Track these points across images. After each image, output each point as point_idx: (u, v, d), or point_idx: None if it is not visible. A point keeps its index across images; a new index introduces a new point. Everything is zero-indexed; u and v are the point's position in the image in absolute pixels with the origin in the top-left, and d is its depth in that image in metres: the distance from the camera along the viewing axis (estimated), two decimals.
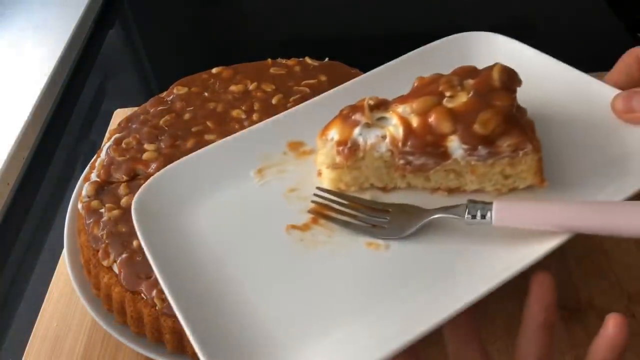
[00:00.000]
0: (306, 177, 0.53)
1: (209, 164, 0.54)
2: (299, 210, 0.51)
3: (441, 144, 0.49)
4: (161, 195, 0.51)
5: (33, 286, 0.70)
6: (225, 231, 0.49)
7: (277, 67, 0.74)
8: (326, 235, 0.49)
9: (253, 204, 0.52)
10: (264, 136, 0.56)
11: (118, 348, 0.57)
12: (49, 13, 1.12)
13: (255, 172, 0.54)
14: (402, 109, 0.51)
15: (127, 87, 1.04)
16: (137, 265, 0.54)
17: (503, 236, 0.46)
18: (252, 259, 0.47)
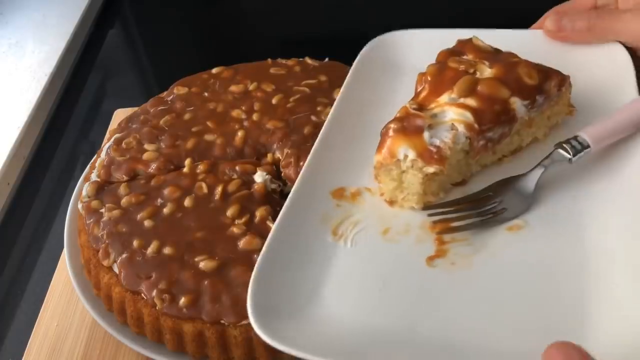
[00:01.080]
0: (383, 214, 0.52)
1: (288, 260, 0.48)
2: (415, 244, 0.49)
3: (508, 108, 0.51)
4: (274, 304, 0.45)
5: (33, 286, 0.70)
6: (366, 304, 0.45)
7: (277, 67, 0.74)
8: (466, 245, 0.48)
9: (367, 265, 0.48)
10: (308, 202, 0.52)
11: (118, 348, 0.57)
12: (49, 13, 1.12)
13: (332, 238, 0.50)
14: (446, 98, 0.51)
15: (127, 87, 1.04)
16: (137, 265, 0.54)
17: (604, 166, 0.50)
18: (422, 311, 0.44)
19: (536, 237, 0.48)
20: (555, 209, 0.50)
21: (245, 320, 0.50)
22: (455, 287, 0.45)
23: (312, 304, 0.45)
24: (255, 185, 0.59)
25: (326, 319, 0.44)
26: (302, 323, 0.44)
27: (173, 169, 0.63)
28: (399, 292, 0.46)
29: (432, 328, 0.43)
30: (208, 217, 0.57)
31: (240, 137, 0.64)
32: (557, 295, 0.44)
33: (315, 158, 0.55)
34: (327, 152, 0.56)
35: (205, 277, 0.52)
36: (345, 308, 0.45)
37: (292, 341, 0.41)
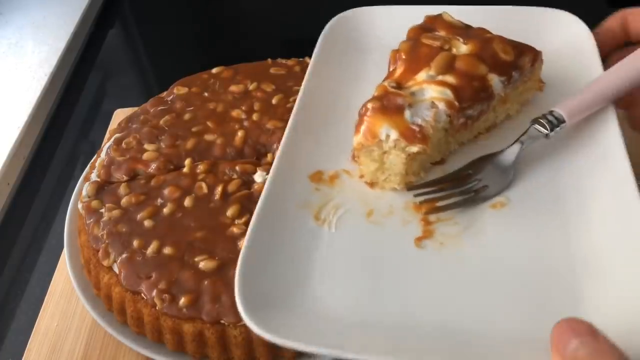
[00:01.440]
0: (364, 196, 0.51)
1: (272, 249, 0.47)
2: (401, 225, 0.48)
3: (486, 85, 0.51)
4: (263, 296, 0.44)
5: (33, 286, 0.70)
6: (357, 290, 0.44)
7: (277, 67, 0.74)
8: (453, 225, 0.48)
9: (354, 249, 0.47)
10: (286, 188, 0.51)
11: (118, 348, 0.57)
12: (49, 13, 1.12)
13: (314, 223, 0.49)
14: (424, 76, 0.51)
15: (127, 87, 1.04)
16: (137, 265, 0.54)
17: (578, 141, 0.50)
18: (415, 293, 0.44)
19: (520, 214, 0.48)
20: (536, 185, 0.50)
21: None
22: (446, 267, 0.45)
23: (302, 292, 0.45)
24: (255, 185, 0.59)
25: (318, 307, 0.44)
26: (293, 313, 0.43)
27: (173, 169, 0.63)
28: (390, 275, 0.45)
29: (426, 310, 0.43)
30: (208, 217, 0.57)
31: (240, 137, 0.64)
32: (547, 270, 0.44)
33: (289, 142, 0.54)
34: (301, 135, 0.55)
35: (205, 277, 0.52)
36: (336, 295, 0.44)
37: (286, 332, 0.40)
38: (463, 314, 0.42)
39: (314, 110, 0.58)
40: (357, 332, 0.42)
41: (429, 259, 0.46)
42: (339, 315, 0.43)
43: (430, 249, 0.46)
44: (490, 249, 0.46)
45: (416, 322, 0.42)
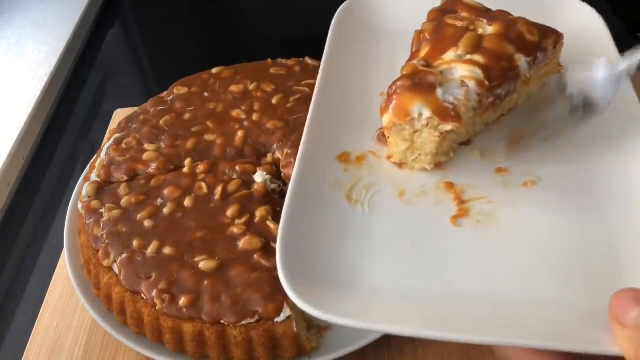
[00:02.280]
0: (394, 177, 0.51)
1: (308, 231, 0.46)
2: (435, 205, 0.49)
3: (514, 65, 0.51)
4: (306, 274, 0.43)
5: (33, 286, 0.70)
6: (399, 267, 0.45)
7: (277, 67, 0.74)
8: (486, 203, 0.48)
9: (391, 228, 0.47)
10: (316, 169, 0.51)
11: (118, 348, 0.57)
12: (49, 13, 1.12)
13: (347, 203, 0.49)
14: (453, 55, 0.51)
15: (127, 87, 1.04)
16: (137, 265, 0.54)
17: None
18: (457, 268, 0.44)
19: (553, 192, 0.49)
20: (567, 163, 0.51)
21: (245, 320, 0.50)
22: (485, 243, 0.46)
23: (343, 273, 0.44)
24: (255, 185, 0.59)
25: (361, 284, 0.43)
26: (337, 290, 0.43)
27: (173, 169, 0.63)
28: (430, 252, 0.45)
29: (469, 282, 0.43)
30: (208, 217, 0.57)
31: (240, 137, 0.64)
32: (585, 244, 0.45)
33: (314, 125, 0.54)
34: (323, 118, 0.55)
35: (205, 277, 0.52)
36: (377, 272, 0.44)
37: (332, 308, 0.40)
38: (506, 284, 0.43)
39: (333, 94, 0.57)
40: (400, 307, 0.42)
41: (468, 235, 0.46)
42: (382, 291, 0.43)
43: (467, 227, 0.47)
44: (526, 225, 0.47)
45: (461, 295, 0.42)
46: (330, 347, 0.53)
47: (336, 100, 0.57)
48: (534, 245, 0.45)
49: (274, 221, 0.56)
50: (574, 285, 0.42)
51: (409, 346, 0.55)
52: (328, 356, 0.52)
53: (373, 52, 0.64)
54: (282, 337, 0.51)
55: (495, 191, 0.49)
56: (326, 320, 0.39)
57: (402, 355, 0.54)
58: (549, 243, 0.45)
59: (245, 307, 0.50)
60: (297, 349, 0.52)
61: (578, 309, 0.40)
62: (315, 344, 0.53)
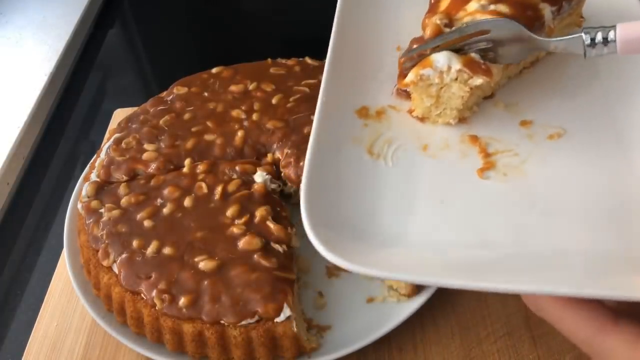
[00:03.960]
0: (415, 131, 0.50)
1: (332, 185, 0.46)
2: (460, 158, 0.48)
3: (539, 15, 0.50)
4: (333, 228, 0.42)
5: (33, 286, 0.70)
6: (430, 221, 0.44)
7: (277, 67, 0.74)
8: (512, 156, 0.48)
9: (417, 182, 0.46)
10: (335, 123, 0.50)
11: (118, 348, 0.57)
12: (49, 13, 1.12)
13: (369, 156, 0.48)
14: (476, 5, 0.50)
15: (127, 87, 1.04)
16: (136, 266, 0.54)
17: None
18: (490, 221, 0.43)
19: (579, 141, 0.48)
20: (590, 114, 0.50)
21: (244, 321, 0.50)
22: (514, 195, 0.45)
23: (372, 226, 0.43)
24: (255, 185, 0.59)
25: (389, 236, 0.43)
26: (368, 246, 0.41)
27: (173, 169, 0.63)
28: (460, 205, 0.45)
29: (501, 236, 0.42)
30: (208, 217, 0.57)
31: (240, 137, 0.64)
32: (615, 189, 0.44)
33: (331, 79, 0.53)
34: (341, 72, 0.54)
35: (205, 277, 0.52)
36: (408, 226, 0.44)
37: (363, 260, 0.39)
38: (538, 236, 0.42)
39: (348, 48, 0.56)
40: (431, 257, 0.41)
41: (496, 188, 0.46)
42: (414, 244, 0.42)
43: (494, 179, 0.46)
44: (554, 177, 0.46)
45: (492, 246, 0.42)
46: (330, 347, 0.53)
47: (352, 54, 0.56)
48: (564, 195, 0.45)
49: (274, 221, 0.56)
50: (606, 232, 0.41)
51: (409, 346, 0.55)
52: (328, 356, 0.52)
53: (387, 3, 0.62)
54: (282, 337, 0.51)
55: (520, 144, 0.49)
56: (354, 271, 0.38)
57: (402, 355, 0.54)
58: (579, 193, 0.45)
59: (245, 307, 0.50)
60: (297, 349, 0.52)
61: (613, 256, 0.39)
62: (315, 344, 0.53)
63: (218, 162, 0.62)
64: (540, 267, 0.39)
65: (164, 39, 1.15)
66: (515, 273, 0.39)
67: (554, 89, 0.53)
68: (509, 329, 0.55)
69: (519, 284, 0.36)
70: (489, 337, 0.55)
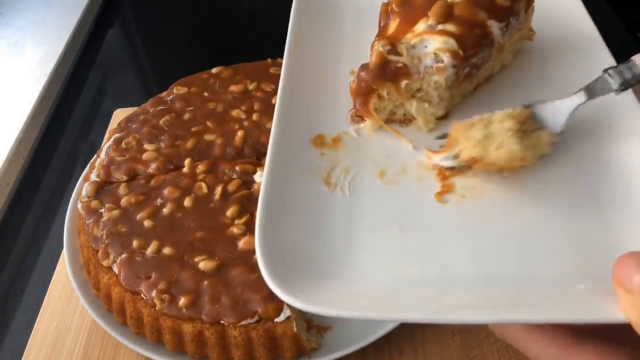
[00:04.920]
0: (372, 157, 0.49)
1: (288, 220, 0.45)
2: (418, 182, 0.47)
3: (487, 32, 0.50)
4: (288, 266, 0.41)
5: (33, 286, 0.70)
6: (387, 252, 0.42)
7: (277, 67, 0.74)
8: (471, 177, 0.46)
9: (374, 212, 0.46)
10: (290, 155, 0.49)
11: (118, 348, 0.57)
12: (49, 13, 1.12)
13: (326, 188, 0.47)
14: (424, 26, 0.50)
15: (127, 87, 1.04)
16: (136, 266, 0.54)
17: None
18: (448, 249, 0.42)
19: (540, 161, 0.47)
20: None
21: (244, 321, 0.50)
22: (474, 219, 0.44)
23: (329, 261, 0.42)
24: (255, 185, 0.60)
25: (346, 272, 0.41)
26: (324, 282, 0.40)
27: (173, 169, 0.63)
28: (417, 234, 0.44)
29: (462, 265, 0.41)
30: (208, 217, 0.57)
31: (240, 137, 0.64)
32: (579, 210, 0.43)
33: (284, 109, 0.51)
34: (294, 101, 0.53)
35: (205, 277, 0.52)
36: (364, 259, 0.42)
37: (319, 300, 0.38)
38: (500, 262, 0.41)
39: (301, 75, 0.56)
40: (391, 293, 0.40)
41: (455, 212, 0.45)
42: (370, 279, 0.41)
43: (453, 203, 0.45)
44: (514, 197, 0.45)
45: (453, 276, 0.41)
46: (330, 347, 0.53)
47: (305, 81, 0.55)
48: (524, 217, 0.44)
49: None
50: (569, 255, 0.41)
51: (409, 347, 0.55)
52: (328, 356, 0.52)
53: (339, 27, 0.62)
54: (282, 337, 0.51)
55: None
56: (313, 312, 0.37)
57: (402, 356, 0.54)
58: (540, 214, 0.44)
59: (245, 307, 0.50)
60: (297, 349, 0.52)
61: (577, 280, 0.38)
62: (315, 344, 0.53)
63: (218, 162, 0.62)
64: (503, 294, 0.39)
65: (164, 39, 1.15)
66: (477, 303, 0.38)
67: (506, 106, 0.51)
68: None
69: (480, 315, 0.36)
70: (489, 337, 0.55)
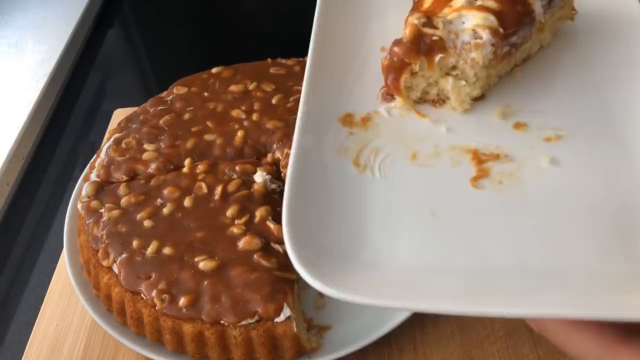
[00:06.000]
0: (403, 138, 0.47)
1: (316, 202, 0.43)
2: (451, 166, 0.45)
3: (529, 9, 0.48)
4: (316, 250, 0.40)
5: (33, 286, 0.70)
6: (420, 238, 0.41)
7: (277, 67, 0.74)
8: (507, 162, 0.45)
9: (406, 195, 0.43)
10: (318, 133, 0.47)
11: (118, 348, 0.57)
12: (49, 13, 1.12)
13: (355, 170, 0.45)
14: (461, 1, 0.48)
15: (127, 87, 1.04)
16: (136, 266, 0.54)
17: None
18: (484, 236, 0.40)
19: (578, 143, 0.46)
20: (587, 111, 0.48)
21: (244, 321, 0.50)
22: (510, 206, 0.42)
23: (359, 246, 0.40)
24: (255, 185, 0.59)
25: (377, 257, 0.40)
26: (354, 268, 0.39)
27: (173, 169, 0.63)
28: (451, 221, 0.42)
29: (498, 254, 0.39)
30: (208, 217, 0.57)
31: (240, 137, 0.64)
32: (620, 198, 0.41)
33: (312, 85, 0.49)
34: (322, 77, 0.51)
35: (205, 277, 0.52)
36: (394, 244, 0.40)
37: (349, 286, 0.36)
38: (538, 252, 0.39)
39: (330, 51, 0.53)
40: (423, 282, 0.38)
41: (491, 198, 0.43)
42: (404, 265, 0.39)
43: (489, 189, 0.43)
44: (553, 184, 0.43)
45: (489, 266, 0.39)
46: (330, 347, 0.53)
47: (334, 57, 0.53)
48: (563, 205, 0.42)
49: (274, 221, 0.56)
50: (611, 247, 0.38)
51: (409, 347, 0.55)
52: (328, 356, 0.52)
53: (371, 4, 0.60)
54: (282, 337, 0.51)
55: (515, 148, 0.46)
56: (342, 299, 0.35)
57: (402, 356, 0.54)
58: (580, 202, 0.42)
59: (245, 308, 0.50)
60: (297, 349, 0.52)
61: (619, 274, 0.37)
62: (315, 344, 0.53)
63: (218, 162, 0.62)
64: (541, 286, 0.37)
65: (164, 39, 1.15)
66: (514, 294, 0.36)
67: (548, 88, 0.50)
68: (508, 329, 0.55)
69: (519, 308, 0.34)
70: (489, 337, 0.55)
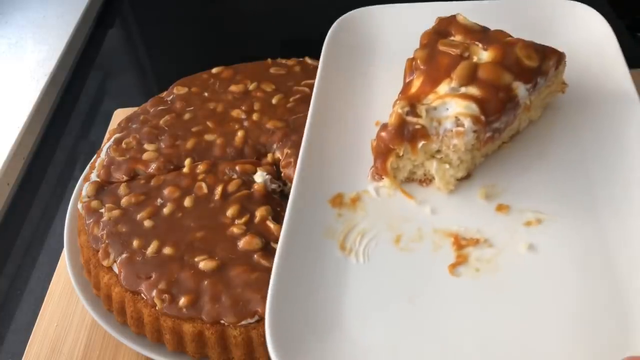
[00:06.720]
0: (390, 219, 0.48)
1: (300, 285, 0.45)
2: (433, 251, 0.46)
3: (512, 95, 0.48)
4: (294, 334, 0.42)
5: (33, 286, 0.70)
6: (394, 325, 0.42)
7: (277, 67, 0.74)
8: (487, 247, 0.45)
9: (386, 280, 0.45)
10: (307, 215, 0.49)
11: (118, 348, 0.57)
12: (49, 13, 1.12)
13: (341, 253, 0.46)
14: (447, 89, 0.48)
15: (127, 87, 1.04)
16: (137, 265, 0.54)
17: None
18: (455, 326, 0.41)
19: (559, 229, 0.45)
20: (568, 196, 0.48)
21: (244, 321, 0.50)
22: (484, 295, 0.42)
23: (335, 329, 0.42)
24: (255, 185, 0.59)
25: (353, 343, 0.41)
26: (327, 350, 0.40)
27: (173, 169, 0.63)
28: (426, 307, 0.42)
29: (468, 341, 0.40)
30: (208, 217, 0.57)
31: (240, 137, 0.64)
32: (593, 293, 0.41)
33: (305, 165, 0.51)
34: (316, 157, 0.52)
35: (205, 277, 0.52)
36: (372, 330, 0.42)
37: None
38: (507, 344, 0.40)
39: (325, 129, 0.55)
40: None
41: (466, 287, 0.43)
42: (375, 350, 0.41)
43: (465, 276, 0.44)
44: (530, 272, 0.43)
45: (457, 356, 0.40)
46: None
47: (328, 133, 0.55)
48: (537, 295, 0.42)
49: (274, 221, 0.56)
50: (584, 342, 0.39)
51: None
52: None
53: (366, 77, 0.61)
54: None
55: (496, 232, 0.46)
56: None
57: None
58: (552, 292, 0.42)
59: (245, 307, 0.50)
60: None
61: None
62: None
63: (218, 162, 0.62)
64: None
65: (164, 39, 1.15)
66: None
67: (534, 166, 0.50)
68: None
69: None
70: None
